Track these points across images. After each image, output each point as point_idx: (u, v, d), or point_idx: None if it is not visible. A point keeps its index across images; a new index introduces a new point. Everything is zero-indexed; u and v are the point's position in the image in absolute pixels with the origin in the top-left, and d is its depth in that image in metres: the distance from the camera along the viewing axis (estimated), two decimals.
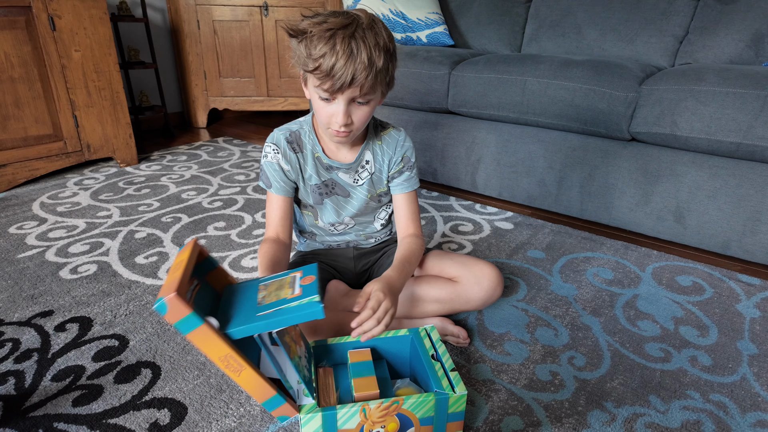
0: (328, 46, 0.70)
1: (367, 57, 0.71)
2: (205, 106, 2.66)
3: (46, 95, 1.73)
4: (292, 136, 0.90)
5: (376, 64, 0.72)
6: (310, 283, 0.64)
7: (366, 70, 0.71)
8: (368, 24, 0.73)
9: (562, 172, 1.49)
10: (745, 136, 1.14)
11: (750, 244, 1.23)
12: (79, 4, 1.73)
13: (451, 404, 0.67)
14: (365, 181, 0.93)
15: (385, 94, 0.82)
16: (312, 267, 0.68)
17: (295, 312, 0.59)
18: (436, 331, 0.79)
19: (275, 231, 0.91)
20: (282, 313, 0.59)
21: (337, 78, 0.71)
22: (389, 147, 0.92)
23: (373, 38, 0.72)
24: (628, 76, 1.31)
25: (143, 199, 1.65)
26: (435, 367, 0.71)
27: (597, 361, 0.90)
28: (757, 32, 1.47)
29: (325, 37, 0.71)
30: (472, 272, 0.92)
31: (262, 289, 0.66)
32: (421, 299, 0.93)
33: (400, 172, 0.93)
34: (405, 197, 0.94)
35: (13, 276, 1.16)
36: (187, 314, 0.54)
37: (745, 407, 0.81)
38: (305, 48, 0.73)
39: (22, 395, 0.80)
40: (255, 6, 2.42)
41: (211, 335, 0.57)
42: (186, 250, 0.64)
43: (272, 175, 0.90)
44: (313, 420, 0.63)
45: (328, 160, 0.90)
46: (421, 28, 1.95)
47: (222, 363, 0.58)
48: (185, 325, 0.55)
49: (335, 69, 0.70)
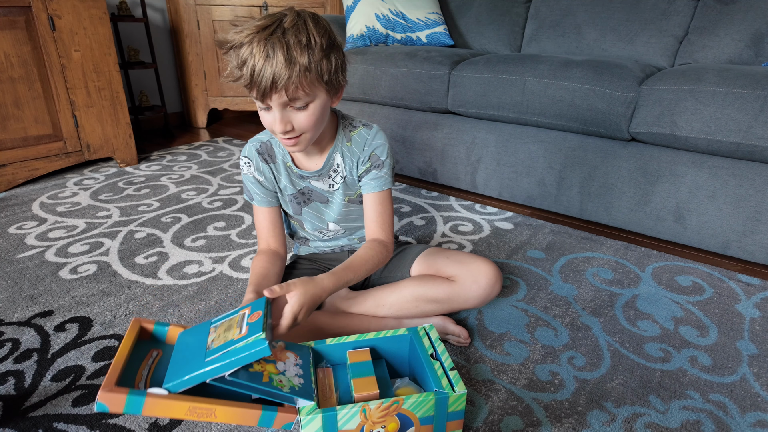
0: (248, 51, 0.69)
1: (284, 57, 0.67)
2: (205, 106, 2.66)
3: (46, 95, 1.73)
4: (263, 147, 0.89)
5: (298, 63, 0.68)
6: (256, 320, 0.64)
7: (286, 69, 0.68)
8: (291, 22, 0.70)
9: (561, 172, 1.49)
10: (744, 136, 1.14)
11: (750, 244, 1.23)
12: (79, 4, 1.73)
13: (451, 403, 0.67)
14: (340, 186, 0.91)
15: (332, 93, 0.78)
16: (260, 302, 0.68)
17: (240, 352, 0.60)
18: (435, 330, 0.79)
19: (266, 242, 0.91)
20: (228, 355, 0.60)
21: (258, 83, 0.69)
22: (357, 147, 0.89)
23: (293, 36, 0.69)
24: (628, 76, 1.31)
25: (143, 199, 1.65)
26: (434, 367, 0.71)
27: (597, 361, 0.90)
28: (757, 32, 1.47)
29: (245, 43, 0.69)
30: (469, 271, 0.91)
31: (212, 332, 0.67)
32: (419, 299, 0.92)
33: (367, 171, 0.89)
34: (373, 197, 0.90)
35: (12, 276, 1.16)
36: (125, 399, 0.56)
37: (744, 407, 0.81)
38: (234, 58, 0.71)
39: (22, 395, 0.80)
40: (255, 6, 2.42)
41: (162, 402, 0.58)
42: (127, 333, 0.67)
43: (251, 188, 0.90)
44: (313, 421, 0.63)
45: (298, 170, 0.89)
46: (420, 28, 1.95)
47: (192, 416, 0.60)
48: (132, 406, 0.57)
49: (255, 73, 0.68)
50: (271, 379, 0.64)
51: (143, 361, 0.65)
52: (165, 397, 0.58)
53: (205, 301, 1.07)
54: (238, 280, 1.16)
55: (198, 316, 1.02)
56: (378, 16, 1.92)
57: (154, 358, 0.66)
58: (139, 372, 0.63)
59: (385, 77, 1.74)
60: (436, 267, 0.94)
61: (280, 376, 0.65)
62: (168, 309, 1.04)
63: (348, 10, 1.98)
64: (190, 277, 1.17)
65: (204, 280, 1.16)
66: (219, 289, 1.12)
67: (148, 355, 0.66)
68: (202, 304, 1.06)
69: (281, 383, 0.64)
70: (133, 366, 0.63)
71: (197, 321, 1.00)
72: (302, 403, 0.64)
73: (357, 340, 0.78)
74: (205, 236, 1.38)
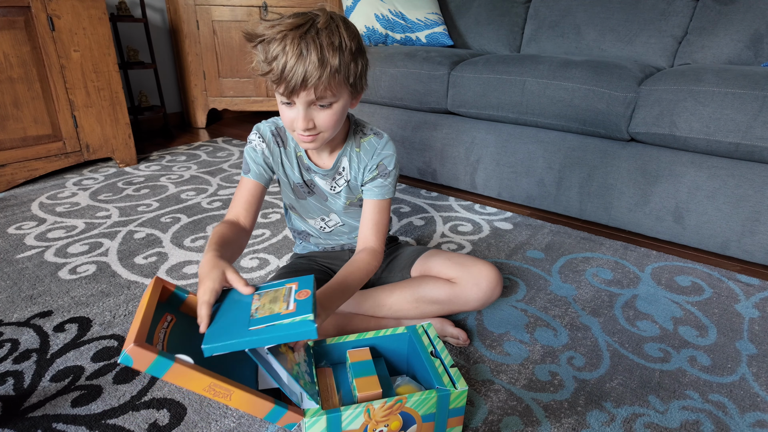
0: (280, 47, 0.69)
1: (317, 57, 0.69)
2: (205, 107, 2.65)
3: (45, 95, 1.72)
4: (278, 131, 0.89)
5: (329, 64, 0.70)
6: (305, 298, 0.61)
7: (318, 70, 0.69)
8: (324, 23, 0.71)
9: (561, 172, 1.49)
10: (743, 137, 1.14)
11: (749, 245, 1.23)
12: (78, 5, 1.73)
13: (452, 400, 0.68)
14: (342, 189, 0.91)
15: (354, 96, 0.79)
16: (308, 279, 0.66)
17: (287, 330, 0.57)
18: (434, 328, 0.79)
19: (236, 214, 0.86)
20: (273, 330, 0.57)
21: (289, 80, 0.70)
22: (366, 154, 0.89)
23: (327, 38, 0.70)
24: (627, 77, 1.31)
25: (142, 200, 1.65)
26: (435, 364, 0.71)
27: (596, 362, 0.91)
28: (756, 33, 1.47)
29: (278, 39, 0.70)
30: (470, 273, 0.91)
31: (255, 300, 0.64)
32: (419, 300, 0.92)
33: (373, 179, 0.89)
34: (373, 204, 0.89)
35: (12, 276, 1.16)
36: (154, 359, 0.53)
37: (744, 407, 0.81)
38: (262, 52, 0.72)
39: (21, 396, 0.80)
40: (254, 6, 2.42)
41: (187, 371, 0.55)
42: (148, 290, 0.63)
43: (252, 159, 0.88)
44: (318, 423, 0.63)
45: (308, 162, 0.89)
46: (420, 28, 1.95)
47: (209, 393, 0.57)
48: (157, 368, 0.54)
49: (286, 71, 0.69)
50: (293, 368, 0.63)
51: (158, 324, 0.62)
52: (191, 366, 0.56)
53: None
54: None
55: None
56: (377, 16, 1.92)
57: (169, 322, 0.63)
58: (156, 334, 0.59)
59: (384, 77, 1.74)
60: (436, 269, 0.94)
61: (297, 367, 0.65)
62: None
63: (347, 10, 1.98)
64: (189, 277, 1.17)
65: None
66: None
67: (163, 318, 0.63)
68: None
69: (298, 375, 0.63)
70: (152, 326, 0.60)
71: None
72: (307, 404, 0.64)
73: (356, 339, 0.78)
74: (205, 236, 1.38)
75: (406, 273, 0.98)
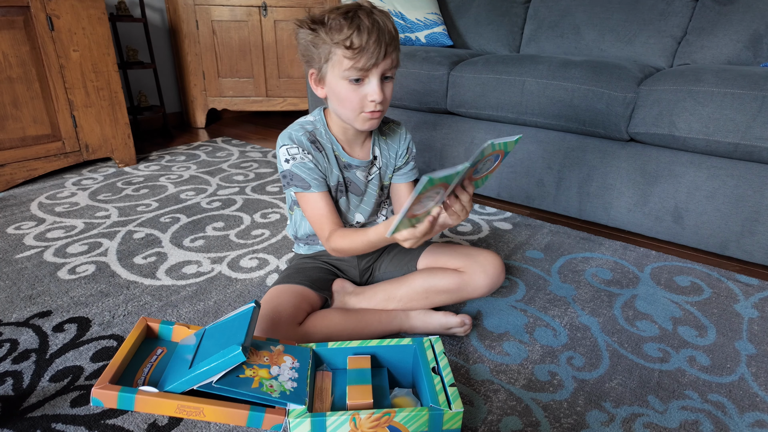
0: (354, 25, 0.74)
1: (392, 27, 0.76)
2: (204, 107, 2.65)
3: (45, 95, 1.72)
4: (311, 136, 0.88)
5: (397, 34, 0.77)
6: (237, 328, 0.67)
7: (394, 40, 0.76)
8: (371, 7, 0.78)
9: (560, 172, 1.49)
10: (743, 137, 1.14)
11: (748, 245, 1.24)
12: (78, 4, 1.72)
13: (445, 421, 0.65)
14: (374, 176, 0.95)
15: None
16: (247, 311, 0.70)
17: (217, 360, 0.62)
18: (440, 343, 0.77)
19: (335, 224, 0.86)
20: (208, 363, 0.62)
21: (371, 51, 0.74)
22: (393, 141, 0.95)
23: (381, 13, 0.77)
24: (627, 77, 1.31)
25: (142, 200, 1.64)
26: (434, 381, 0.69)
27: (596, 362, 0.91)
28: (755, 33, 1.47)
29: (349, 18, 0.74)
30: (477, 262, 0.94)
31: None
32: (429, 291, 0.94)
33: (406, 162, 0.97)
34: (409, 186, 0.98)
35: (11, 276, 1.16)
36: (116, 396, 0.59)
37: (743, 407, 0.81)
38: (326, 35, 0.76)
39: (20, 396, 0.80)
40: (254, 6, 2.42)
41: (152, 399, 0.60)
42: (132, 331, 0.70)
43: (308, 174, 0.85)
44: (302, 425, 0.62)
45: (348, 158, 0.90)
46: (419, 28, 1.95)
47: (181, 414, 0.61)
48: (124, 403, 0.60)
49: (368, 43, 0.74)
50: (261, 384, 0.64)
51: (147, 359, 0.68)
52: (154, 395, 0.60)
53: (204, 302, 1.07)
54: (237, 280, 1.16)
55: (197, 316, 1.02)
56: None
57: (158, 355, 0.69)
58: (141, 369, 0.65)
59: None
60: (443, 260, 0.97)
61: (272, 380, 0.66)
62: (167, 309, 1.04)
63: None
64: (188, 277, 1.17)
65: (203, 280, 1.15)
66: (218, 289, 1.12)
67: (152, 352, 0.69)
68: (200, 305, 1.06)
69: (271, 388, 0.64)
70: (136, 363, 0.66)
71: (196, 321, 1.00)
72: (293, 406, 0.63)
73: (359, 346, 0.76)
74: (204, 236, 1.38)
75: (412, 266, 1.00)
